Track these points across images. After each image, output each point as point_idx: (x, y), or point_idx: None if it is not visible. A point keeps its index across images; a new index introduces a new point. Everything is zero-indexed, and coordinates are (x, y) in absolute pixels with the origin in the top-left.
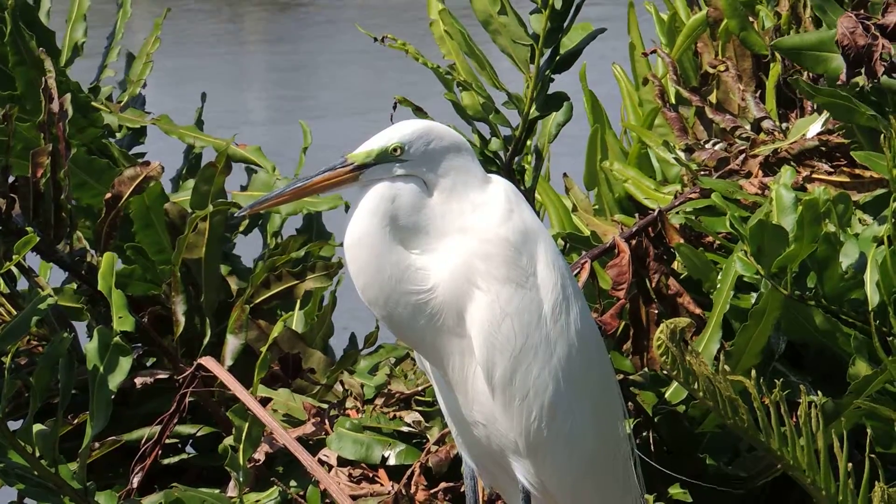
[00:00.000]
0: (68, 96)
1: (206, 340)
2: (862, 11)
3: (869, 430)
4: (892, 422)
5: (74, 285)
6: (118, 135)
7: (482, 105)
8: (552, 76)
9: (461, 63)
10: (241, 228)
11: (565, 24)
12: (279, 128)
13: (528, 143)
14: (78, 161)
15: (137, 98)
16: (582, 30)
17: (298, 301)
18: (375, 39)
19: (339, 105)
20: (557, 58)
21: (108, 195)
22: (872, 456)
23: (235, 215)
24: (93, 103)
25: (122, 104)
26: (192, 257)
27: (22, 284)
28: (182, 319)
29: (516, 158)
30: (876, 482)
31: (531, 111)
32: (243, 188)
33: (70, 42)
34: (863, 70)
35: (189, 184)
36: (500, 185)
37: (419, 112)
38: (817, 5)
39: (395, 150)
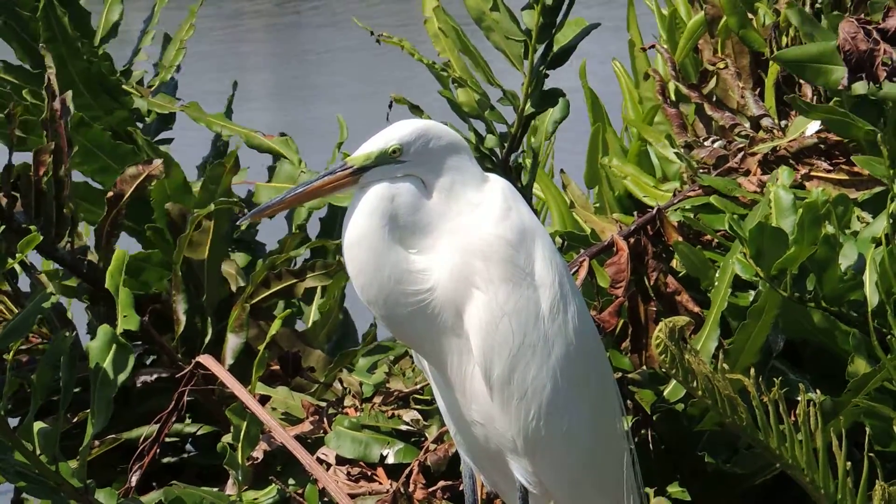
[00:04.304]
0: (69, 93)
1: (207, 339)
2: (862, 15)
3: (868, 429)
4: (891, 420)
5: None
6: (147, 119)
7: (477, 102)
8: (546, 72)
9: (456, 60)
10: (243, 226)
11: (558, 20)
12: (279, 122)
13: (526, 139)
14: (102, 145)
15: (169, 83)
16: (576, 25)
17: (317, 295)
18: (372, 34)
19: (338, 101)
20: (551, 54)
21: (110, 193)
22: (871, 454)
23: (238, 222)
24: (123, 86)
25: (152, 89)
26: (195, 256)
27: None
28: (183, 318)
29: (513, 155)
30: (876, 480)
31: (526, 107)
32: (271, 174)
33: (106, 23)
34: (864, 75)
35: None
36: (497, 184)
37: (416, 110)
38: (806, 33)
39: (394, 151)
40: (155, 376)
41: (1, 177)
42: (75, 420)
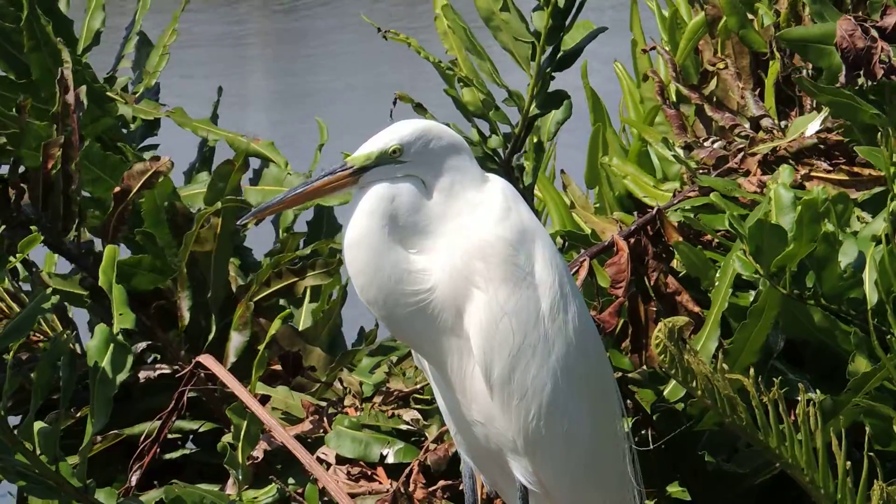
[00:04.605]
0: (84, 88)
1: (210, 337)
2: (860, 14)
3: (868, 428)
4: (891, 419)
5: (80, 276)
6: (132, 126)
7: (482, 102)
8: (553, 74)
9: (463, 59)
10: (249, 225)
11: (567, 23)
12: (278, 120)
13: (528, 140)
14: (92, 156)
15: (152, 89)
16: (583, 28)
17: (308, 296)
18: (379, 30)
19: (345, 103)
20: (559, 56)
21: (117, 189)
22: (871, 454)
23: (238, 223)
24: (108, 93)
25: (136, 95)
26: (202, 252)
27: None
28: (187, 315)
29: (515, 156)
30: (875, 480)
31: (531, 109)
32: (252, 182)
33: (88, 31)
34: (862, 73)
35: (201, 177)
36: (497, 185)
37: (420, 109)
38: (816, 11)
39: (394, 151)
40: (157, 373)
41: (9, 169)
42: (78, 415)
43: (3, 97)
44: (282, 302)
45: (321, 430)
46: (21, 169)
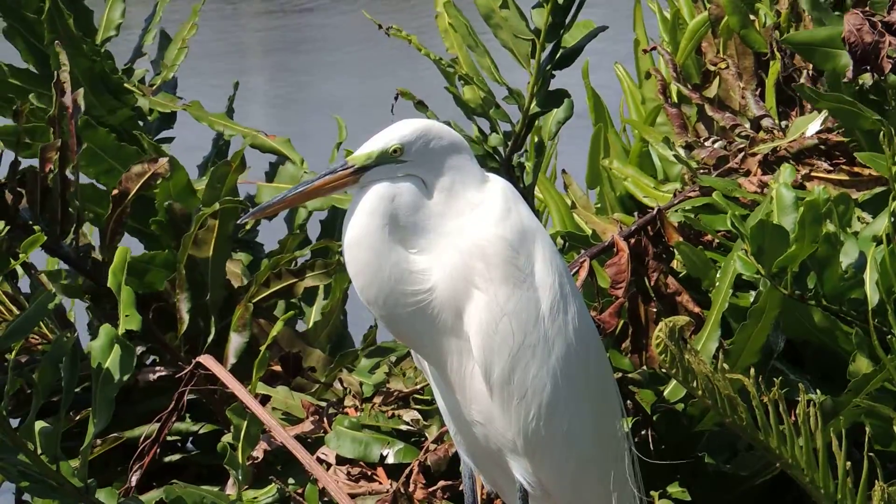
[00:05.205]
0: (81, 91)
1: (210, 338)
2: (867, 9)
3: (868, 429)
4: (892, 420)
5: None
6: (149, 118)
7: (483, 99)
8: (553, 72)
9: (464, 56)
10: (248, 226)
11: (567, 21)
12: (277, 120)
13: (529, 139)
14: (107, 147)
15: (169, 82)
16: (584, 27)
17: (320, 294)
18: (380, 27)
19: (341, 99)
20: (559, 54)
21: (115, 191)
22: (871, 454)
23: (239, 221)
24: (125, 85)
25: (154, 87)
26: (199, 255)
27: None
28: (186, 317)
29: (516, 155)
30: (875, 480)
31: (531, 107)
32: (268, 178)
33: (108, 22)
34: (869, 67)
35: None
36: (497, 185)
37: (421, 106)
38: (816, 18)
39: (395, 150)
40: (157, 375)
41: (7, 174)
42: (77, 419)
43: (23, 90)
44: (293, 300)
45: (321, 431)
46: (20, 170)
